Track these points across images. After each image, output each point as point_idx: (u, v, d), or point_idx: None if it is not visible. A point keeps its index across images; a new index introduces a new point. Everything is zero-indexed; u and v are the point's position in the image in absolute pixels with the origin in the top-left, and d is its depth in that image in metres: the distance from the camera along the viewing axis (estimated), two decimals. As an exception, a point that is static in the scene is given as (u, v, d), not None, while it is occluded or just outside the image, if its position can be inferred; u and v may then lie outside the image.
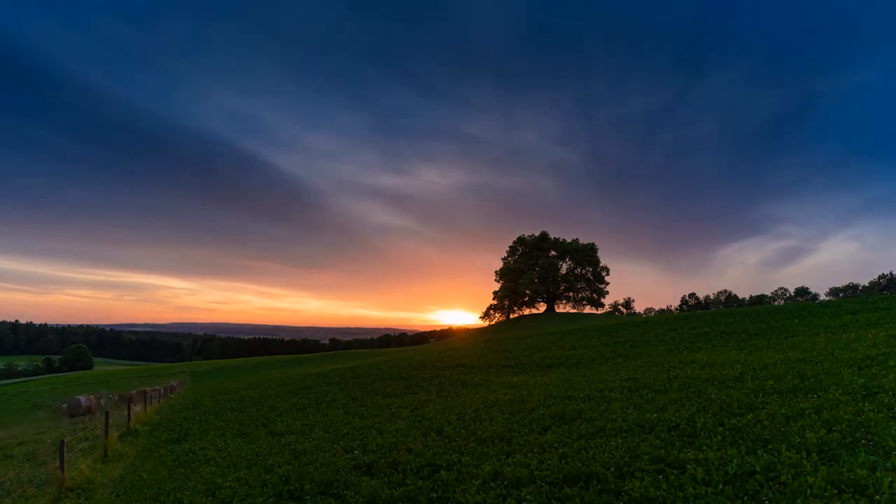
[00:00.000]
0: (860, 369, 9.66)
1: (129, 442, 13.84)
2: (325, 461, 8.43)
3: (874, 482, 4.52)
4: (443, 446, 8.39)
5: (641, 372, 13.54)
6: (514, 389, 13.72)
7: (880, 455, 5.19)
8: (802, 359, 11.73)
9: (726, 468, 5.42)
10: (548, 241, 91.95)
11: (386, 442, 9.24)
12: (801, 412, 7.14)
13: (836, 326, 18.31)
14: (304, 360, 61.57)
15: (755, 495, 4.74)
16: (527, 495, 5.65)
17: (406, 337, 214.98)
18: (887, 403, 6.89)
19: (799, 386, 8.90)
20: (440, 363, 23.87)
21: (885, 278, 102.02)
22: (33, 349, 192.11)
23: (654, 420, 8.01)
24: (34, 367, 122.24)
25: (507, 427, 9.13)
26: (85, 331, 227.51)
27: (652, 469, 5.84)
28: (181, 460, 10.44)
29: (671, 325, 27.54)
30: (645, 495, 5.10)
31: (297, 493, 7.04)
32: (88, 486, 9.25)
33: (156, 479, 8.96)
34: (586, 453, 6.78)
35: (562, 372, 16.80)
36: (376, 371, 24.31)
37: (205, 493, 7.57)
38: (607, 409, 9.44)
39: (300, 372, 36.06)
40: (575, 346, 24.80)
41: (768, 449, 5.87)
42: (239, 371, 52.61)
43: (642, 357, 17.63)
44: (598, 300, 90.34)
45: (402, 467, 7.49)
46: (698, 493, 4.94)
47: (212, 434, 13.25)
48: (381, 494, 6.34)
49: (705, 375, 11.29)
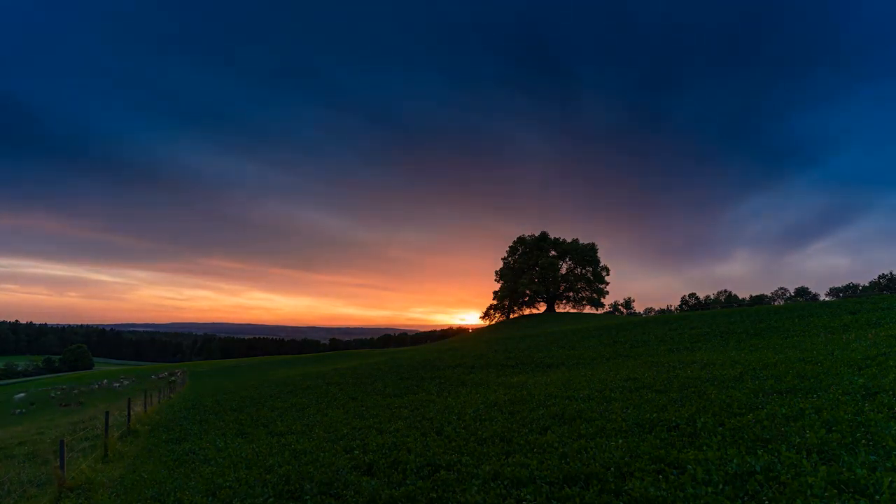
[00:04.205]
0: (860, 369, 9.66)
1: (130, 442, 13.84)
2: (326, 461, 8.43)
3: (874, 482, 4.52)
4: (443, 446, 8.40)
5: (641, 372, 13.54)
6: (514, 389, 13.73)
7: (880, 455, 5.19)
8: (802, 359, 11.73)
9: (726, 468, 5.42)
10: (548, 241, 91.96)
11: (386, 442, 9.24)
12: (801, 412, 7.14)
13: (836, 326, 18.31)
14: (304, 360, 61.54)
15: (755, 495, 4.74)
16: (527, 495, 5.65)
17: (406, 337, 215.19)
18: (887, 403, 6.89)
19: (799, 386, 8.91)
20: (440, 363, 23.86)
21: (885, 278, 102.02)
22: (33, 349, 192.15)
23: (654, 420, 8.01)
24: (34, 367, 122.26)
25: (507, 427, 9.13)
26: (85, 331, 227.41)
27: (652, 469, 5.84)
28: (181, 460, 10.44)
29: (671, 325, 27.54)
30: (645, 495, 5.10)
31: (297, 493, 7.03)
32: (89, 485, 9.25)
33: (156, 479, 8.96)
34: (586, 453, 6.78)
35: (562, 372, 16.79)
36: (376, 371, 24.30)
37: (205, 493, 7.57)
38: (607, 409, 9.44)
39: (300, 372, 36.05)
40: (575, 346, 24.80)
41: (768, 449, 5.87)
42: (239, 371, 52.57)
43: (642, 357, 17.63)
44: (598, 300, 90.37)
45: (402, 467, 7.49)
46: (698, 493, 4.94)
47: (212, 434, 13.24)
48: (381, 494, 6.34)
49: (705, 375, 11.29)
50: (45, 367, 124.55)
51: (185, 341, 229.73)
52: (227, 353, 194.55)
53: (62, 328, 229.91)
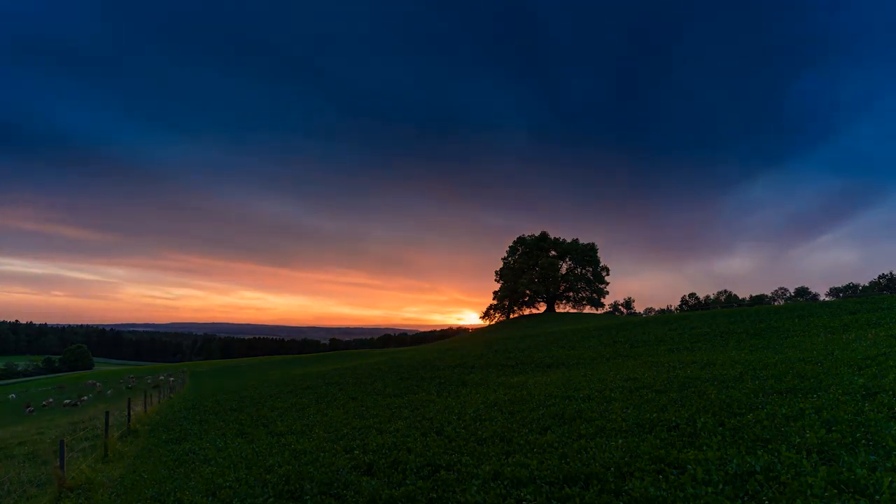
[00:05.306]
0: (860, 369, 9.67)
1: (130, 442, 13.84)
2: (325, 461, 8.43)
3: (874, 482, 4.52)
4: (443, 446, 8.40)
5: (641, 372, 13.54)
6: (514, 389, 13.73)
7: (880, 455, 5.19)
8: (802, 359, 11.73)
9: (726, 468, 5.43)
10: (548, 241, 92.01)
11: (386, 442, 9.24)
12: (801, 412, 7.14)
13: (836, 326, 18.31)
14: (304, 360, 61.54)
15: (755, 495, 4.74)
16: (527, 495, 5.65)
17: (406, 337, 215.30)
18: (887, 403, 6.90)
19: (799, 386, 8.91)
20: (440, 363, 23.86)
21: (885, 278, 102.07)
22: (33, 349, 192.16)
23: (654, 420, 8.01)
24: (34, 367, 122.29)
25: (507, 427, 9.13)
26: (85, 331, 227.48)
27: (652, 469, 5.84)
28: (181, 460, 10.44)
29: (671, 325, 27.54)
30: (645, 495, 5.10)
31: (297, 493, 7.03)
32: (89, 485, 9.26)
33: (156, 479, 8.96)
34: (586, 453, 6.78)
35: (562, 372, 16.79)
36: (376, 371, 24.30)
37: (205, 493, 7.57)
38: (607, 409, 9.45)
39: (300, 372, 36.05)
40: (575, 346, 24.80)
41: (768, 449, 5.87)
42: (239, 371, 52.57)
43: (642, 357, 17.63)
44: (598, 300, 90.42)
45: (402, 467, 7.49)
46: (698, 493, 4.94)
47: (212, 434, 13.24)
48: (382, 494, 6.34)
49: (705, 375, 11.29)
50: (45, 367, 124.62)
51: (185, 341, 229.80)
52: (227, 353, 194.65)
53: (62, 328, 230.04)
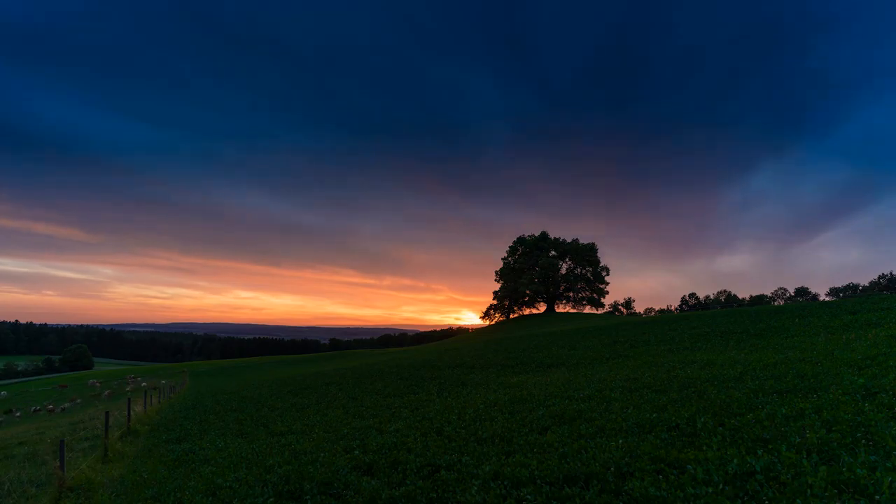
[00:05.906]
0: (860, 369, 9.66)
1: (130, 442, 13.84)
2: (325, 461, 8.43)
3: (874, 482, 4.52)
4: (443, 446, 8.40)
5: (641, 372, 13.54)
6: (514, 389, 13.73)
7: (880, 455, 5.19)
8: (802, 359, 11.73)
9: (726, 468, 5.43)
10: (548, 241, 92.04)
11: (386, 442, 9.24)
12: (801, 412, 7.14)
13: (836, 326, 18.30)
14: (304, 360, 61.57)
15: (755, 495, 4.74)
16: (527, 495, 5.65)
17: (406, 337, 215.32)
18: (887, 403, 6.90)
19: (799, 386, 8.91)
20: (440, 363, 23.87)
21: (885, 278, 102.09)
22: (33, 349, 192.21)
23: (654, 420, 8.01)
24: (34, 367, 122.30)
25: (507, 427, 9.13)
26: (85, 331, 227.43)
27: (652, 469, 5.84)
28: (181, 460, 10.44)
29: (671, 325, 27.54)
30: (645, 495, 5.10)
31: (297, 493, 7.03)
32: (89, 485, 9.25)
33: (156, 479, 8.96)
34: (586, 453, 6.78)
35: (562, 372, 16.79)
36: (376, 371, 24.31)
37: (205, 493, 7.57)
38: (607, 409, 9.45)
39: (300, 372, 36.06)
40: (575, 346, 24.79)
41: (768, 449, 5.87)
42: (239, 371, 52.60)
43: (642, 357, 17.63)
44: (598, 300, 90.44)
45: (402, 467, 7.49)
46: (698, 493, 4.94)
47: (212, 434, 13.25)
48: (381, 494, 6.34)
49: (705, 375, 11.29)
50: (45, 367, 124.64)
51: (185, 341, 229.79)
52: (227, 353, 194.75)
53: (62, 328, 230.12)
